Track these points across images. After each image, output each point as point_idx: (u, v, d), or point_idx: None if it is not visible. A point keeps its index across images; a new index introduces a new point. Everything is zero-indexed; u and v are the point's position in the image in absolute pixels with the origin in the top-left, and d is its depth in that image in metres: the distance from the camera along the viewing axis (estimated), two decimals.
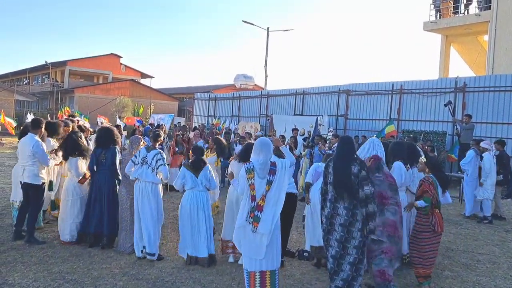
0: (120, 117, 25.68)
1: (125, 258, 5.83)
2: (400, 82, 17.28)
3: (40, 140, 6.28)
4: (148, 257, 5.79)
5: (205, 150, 8.04)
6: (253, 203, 4.43)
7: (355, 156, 4.65)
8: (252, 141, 6.03)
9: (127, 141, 8.11)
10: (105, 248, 6.15)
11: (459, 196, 11.53)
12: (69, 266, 5.44)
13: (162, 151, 6.08)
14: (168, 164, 6.89)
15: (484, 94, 14.82)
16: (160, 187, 6.09)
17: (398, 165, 5.83)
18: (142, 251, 5.86)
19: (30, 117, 12.78)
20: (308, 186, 6.04)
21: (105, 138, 6.49)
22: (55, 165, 6.84)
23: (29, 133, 6.31)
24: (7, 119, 21.45)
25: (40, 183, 6.26)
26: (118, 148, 6.57)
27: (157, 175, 5.88)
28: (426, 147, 10.77)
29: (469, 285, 5.50)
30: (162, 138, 6.39)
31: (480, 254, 6.78)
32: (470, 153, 9.59)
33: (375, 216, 4.47)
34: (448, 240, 7.48)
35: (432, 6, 23.14)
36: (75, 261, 5.61)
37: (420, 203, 5.15)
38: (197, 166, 5.85)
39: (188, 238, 5.72)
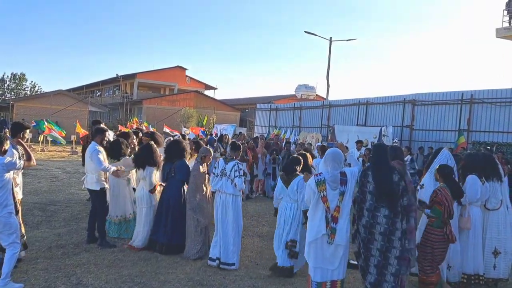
0: (185, 127, 26.50)
1: (190, 264, 6.00)
2: (470, 91, 16.49)
3: (99, 147, 6.54)
4: (222, 266, 5.85)
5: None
6: (329, 214, 4.44)
7: (393, 164, 4.55)
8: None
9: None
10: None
11: None
12: (138, 269, 5.67)
13: (240, 162, 6.12)
14: None
15: None
16: (240, 198, 6.17)
17: (472, 179, 5.55)
18: (214, 260, 5.95)
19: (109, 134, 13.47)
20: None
21: (172, 152, 6.68)
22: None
23: (92, 141, 6.69)
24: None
25: (99, 189, 6.51)
26: (186, 160, 6.71)
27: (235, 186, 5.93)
28: (502, 160, 10.17)
29: None
30: (241, 149, 6.44)
31: None
32: None
33: (413, 231, 4.43)
34: None
35: (506, 11, 21.93)
36: (143, 265, 5.85)
37: (427, 211, 5.04)
38: (287, 175, 5.82)
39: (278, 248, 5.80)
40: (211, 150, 6.81)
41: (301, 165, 5.90)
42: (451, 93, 17.28)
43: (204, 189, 6.31)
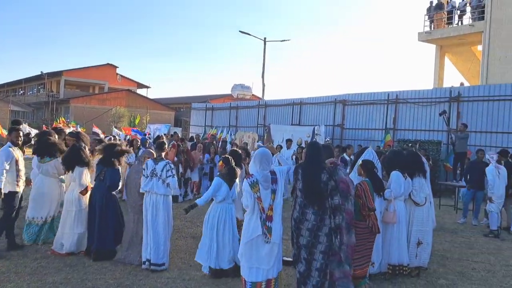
0: (116, 127, 25.64)
1: (120, 268, 5.78)
2: (395, 92, 17.39)
3: (9, 148, 6.21)
4: (153, 267, 5.69)
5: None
6: (264, 214, 4.47)
7: (324, 164, 4.66)
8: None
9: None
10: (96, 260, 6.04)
11: (454, 204, 11.58)
12: (63, 276, 5.38)
13: (170, 162, 5.99)
14: None
15: (478, 103, 14.91)
16: (171, 198, 6.03)
17: (395, 174, 5.80)
18: (144, 262, 5.78)
19: (25, 128, 12.72)
20: None
21: (108, 156, 6.33)
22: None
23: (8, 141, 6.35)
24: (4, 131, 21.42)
25: (7, 191, 6.14)
26: (121, 169, 6.41)
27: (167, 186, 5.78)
28: (424, 156, 10.81)
29: None
30: (166, 147, 6.30)
31: (475, 263, 6.77)
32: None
33: (342, 229, 4.50)
34: (443, 248, 7.48)
35: (427, 17, 23.38)
36: (69, 272, 5.56)
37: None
38: (232, 175, 5.73)
39: (213, 251, 5.59)
40: (154, 152, 6.58)
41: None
42: (378, 93, 18.14)
43: None
